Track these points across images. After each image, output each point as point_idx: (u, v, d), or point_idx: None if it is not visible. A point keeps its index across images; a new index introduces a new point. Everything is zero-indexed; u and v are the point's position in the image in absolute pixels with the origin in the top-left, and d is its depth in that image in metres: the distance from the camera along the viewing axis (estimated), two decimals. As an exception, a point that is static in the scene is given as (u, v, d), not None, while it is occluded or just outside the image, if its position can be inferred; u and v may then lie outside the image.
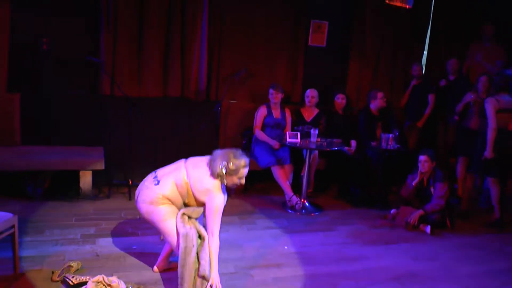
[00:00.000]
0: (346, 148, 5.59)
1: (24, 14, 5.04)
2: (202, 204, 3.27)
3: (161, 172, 3.35)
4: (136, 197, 3.37)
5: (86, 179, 5.01)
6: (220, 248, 3.99)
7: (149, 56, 5.51)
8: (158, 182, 3.26)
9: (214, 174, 3.19)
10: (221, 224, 4.44)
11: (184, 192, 3.24)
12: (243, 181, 3.30)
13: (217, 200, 3.18)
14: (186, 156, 5.77)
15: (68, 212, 4.62)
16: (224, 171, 3.17)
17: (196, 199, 3.27)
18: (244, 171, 3.25)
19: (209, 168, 3.22)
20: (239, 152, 3.24)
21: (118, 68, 5.41)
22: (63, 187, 5.16)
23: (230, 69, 5.83)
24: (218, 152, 3.24)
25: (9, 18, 4.96)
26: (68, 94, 5.36)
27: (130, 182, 5.27)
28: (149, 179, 3.35)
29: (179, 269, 3.10)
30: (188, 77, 5.69)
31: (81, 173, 4.98)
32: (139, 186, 3.40)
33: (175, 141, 5.87)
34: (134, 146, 5.64)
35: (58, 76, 5.28)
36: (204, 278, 3.13)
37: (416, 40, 6.83)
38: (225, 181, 3.22)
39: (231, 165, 3.17)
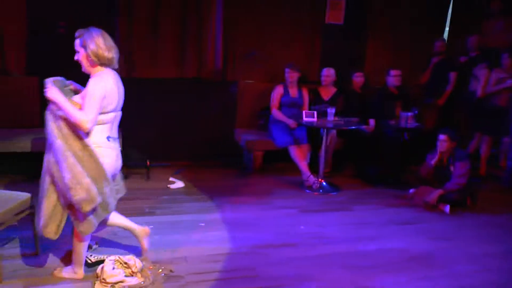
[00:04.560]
0: (364, 127, 5.52)
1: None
2: None
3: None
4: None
5: (104, 160, 5.07)
6: (236, 227, 4.06)
7: (164, 37, 5.49)
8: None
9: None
10: (236, 204, 4.54)
11: None
12: None
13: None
14: (205, 135, 5.79)
15: (86, 193, 4.69)
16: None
17: None
18: None
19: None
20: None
21: (134, 49, 5.42)
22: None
23: (247, 48, 5.79)
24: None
25: (25, 2, 5.00)
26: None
27: (148, 163, 5.33)
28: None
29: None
30: (204, 57, 5.66)
31: (99, 154, 5.03)
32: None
33: (191, 122, 5.88)
34: (151, 127, 5.69)
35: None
36: None
37: (437, 15, 6.63)
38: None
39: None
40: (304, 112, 5.18)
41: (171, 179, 5.21)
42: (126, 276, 3.15)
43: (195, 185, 5.11)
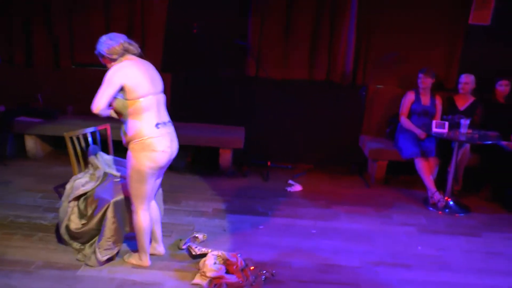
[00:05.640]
0: (504, 143, 4.86)
1: (178, 0, 5.41)
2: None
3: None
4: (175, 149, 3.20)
5: (225, 157, 5.24)
6: (349, 238, 3.93)
7: (295, 39, 5.45)
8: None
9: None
10: (353, 215, 4.36)
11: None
12: None
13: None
14: (329, 139, 5.63)
15: (205, 186, 4.90)
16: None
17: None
18: None
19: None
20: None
21: (264, 50, 5.48)
22: (204, 162, 5.48)
23: (379, 52, 5.48)
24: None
25: (167, 5, 5.39)
26: (215, 74, 5.62)
27: (269, 163, 5.37)
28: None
29: None
30: (335, 60, 5.51)
31: (221, 150, 5.22)
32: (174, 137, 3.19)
33: (317, 125, 5.77)
34: (276, 128, 5.72)
35: (207, 58, 5.56)
36: None
37: None
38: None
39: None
40: (434, 122, 4.73)
41: (289, 181, 5.18)
42: (226, 273, 3.19)
43: (313, 190, 5.01)
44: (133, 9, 5.38)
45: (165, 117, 3.11)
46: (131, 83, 2.87)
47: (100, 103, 2.83)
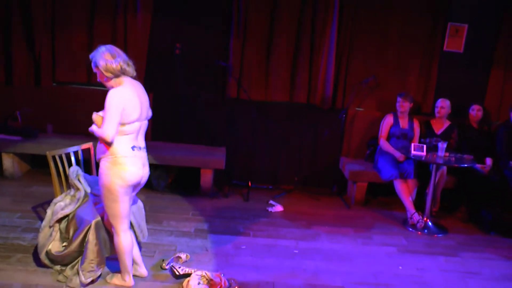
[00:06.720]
0: (479, 166, 5.02)
1: (161, 21, 5.45)
2: None
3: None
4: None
5: (206, 177, 5.23)
6: (330, 258, 3.95)
7: (276, 62, 5.54)
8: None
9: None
10: (334, 235, 4.38)
11: None
12: None
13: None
14: (310, 161, 5.69)
15: (186, 207, 4.87)
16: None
17: None
18: None
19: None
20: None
21: (246, 72, 5.55)
22: (185, 182, 5.45)
23: (358, 76, 5.61)
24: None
25: (150, 26, 5.42)
26: (196, 95, 5.65)
27: (250, 184, 5.38)
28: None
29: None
30: (315, 83, 5.62)
31: (202, 171, 5.22)
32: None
33: (297, 147, 5.84)
34: (257, 149, 5.75)
35: (189, 79, 5.59)
36: None
37: None
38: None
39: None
40: (412, 144, 4.86)
41: (270, 202, 5.20)
42: (210, 293, 3.18)
43: (294, 211, 5.04)
44: (116, 28, 5.38)
45: (142, 142, 3.10)
46: (127, 109, 2.86)
47: (110, 132, 2.83)
